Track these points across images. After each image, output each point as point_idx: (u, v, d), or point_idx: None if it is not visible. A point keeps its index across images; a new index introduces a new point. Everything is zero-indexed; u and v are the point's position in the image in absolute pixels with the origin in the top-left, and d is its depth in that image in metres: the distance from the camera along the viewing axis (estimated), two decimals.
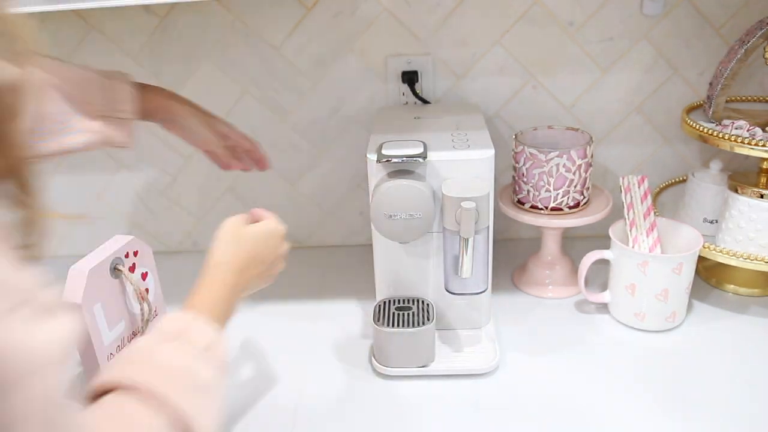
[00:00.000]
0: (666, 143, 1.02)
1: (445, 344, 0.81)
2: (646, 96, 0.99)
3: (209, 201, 1.10)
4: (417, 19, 0.95)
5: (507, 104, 1.00)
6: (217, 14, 0.96)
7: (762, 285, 0.90)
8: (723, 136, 0.81)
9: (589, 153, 0.85)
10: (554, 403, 0.72)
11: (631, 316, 0.84)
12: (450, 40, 0.96)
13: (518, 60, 0.97)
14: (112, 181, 1.09)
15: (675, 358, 0.79)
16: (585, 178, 0.87)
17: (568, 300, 0.91)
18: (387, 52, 0.97)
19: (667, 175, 1.04)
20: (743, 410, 0.70)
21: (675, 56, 0.96)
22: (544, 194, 0.86)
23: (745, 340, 0.81)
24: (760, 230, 0.82)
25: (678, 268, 0.79)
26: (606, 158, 1.04)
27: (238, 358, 0.83)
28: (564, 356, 0.80)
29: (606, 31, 0.95)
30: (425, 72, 0.98)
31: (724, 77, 0.84)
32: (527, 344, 0.82)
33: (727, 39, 0.94)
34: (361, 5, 0.95)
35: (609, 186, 1.04)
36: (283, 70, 0.99)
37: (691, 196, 0.92)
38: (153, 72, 1.00)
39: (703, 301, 0.89)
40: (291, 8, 0.95)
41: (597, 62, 0.97)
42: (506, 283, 0.97)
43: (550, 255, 0.94)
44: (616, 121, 1.01)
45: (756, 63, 0.95)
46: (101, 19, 0.97)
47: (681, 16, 0.93)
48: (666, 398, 0.72)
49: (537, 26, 0.95)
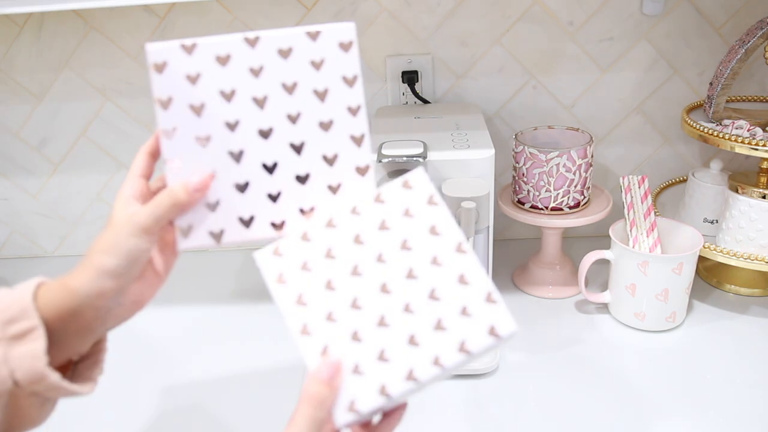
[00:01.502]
0: (666, 143, 1.02)
1: None
2: (646, 96, 0.99)
3: None
4: (417, 19, 0.95)
5: (507, 104, 1.00)
6: (217, 14, 0.96)
7: (762, 285, 0.90)
8: (723, 136, 0.81)
9: (590, 153, 0.85)
10: (554, 403, 0.72)
11: (632, 316, 0.84)
12: (450, 40, 0.96)
13: (518, 60, 0.97)
14: (112, 181, 1.09)
15: (675, 358, 0.79)
16: (585, 178, 0.87)
17: (568, 300, 0.91)
18: (387, 52, 0.97)
19: (667, 175, 1.04)
20: (743, 410, 0.70)
21: (675, 56, 0.96)
22: (544, 194, 0.86)
23: (745, 340, 0.81)
24: (761, 230, 0.82)
25: (678, 268, 0.79)
26: (606, 158, 1.04)
27: (242, 353, 0.83)
28: (564, 356, 0.80)
29: (606, 30, 0.95)
30: (425, 72, 0.98)
31: (724, 77, 0.84)
32: (527, 344, 0.82)
33: (727, 39, 0.94)
34: (361, 5, 0.95)
35: (609, 186, 1.04)
36: None
37: (692, 196, 0.92)
38: None
39: (703, 301, 0.89)
40: (291, 8, 0.95)
41: (597, 62, 0.97)
42: (506, 283, 0.97)
43: (550, 255, 0.94)
44: (616, 121, 1.01)
45: (756, 63, 0.95)
46: (101, 19, 0.97)
47: (681, 16, 0.93)
48: (666, 398, 0.72)
49: (537, 26, 0.95)
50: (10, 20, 0.97)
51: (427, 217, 0.45)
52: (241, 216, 0.47)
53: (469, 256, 0.43)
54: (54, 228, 1.14)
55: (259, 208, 0.47)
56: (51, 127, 1.05)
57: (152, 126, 1.05)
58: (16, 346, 0.41)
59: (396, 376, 0.41)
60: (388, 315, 0.43)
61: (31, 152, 1.07)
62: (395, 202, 0.45)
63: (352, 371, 0.42)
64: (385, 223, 0.45)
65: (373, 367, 0.42)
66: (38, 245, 1.16)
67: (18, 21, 0.98)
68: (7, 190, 1.11)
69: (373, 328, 0.43)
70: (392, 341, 0.42)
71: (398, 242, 0.44)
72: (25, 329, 0.42)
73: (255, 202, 0.47)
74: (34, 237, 1.15)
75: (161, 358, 0.84)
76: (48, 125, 1.05)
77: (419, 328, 0.42)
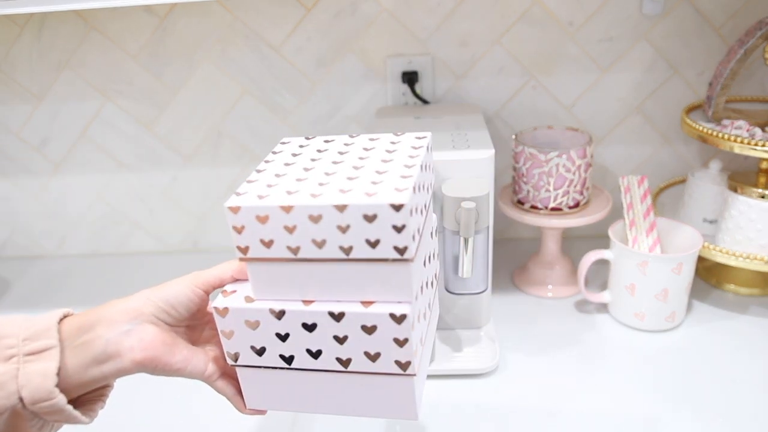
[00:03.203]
0: (666, 143, 1.02)
1: (445, 344, 0.81)
2: (645, 96, 0.99)
3: (209, 201, 1.10)
4: (417, 19, 0.95)
5: (507, 104, 1.00)
6: (217, 14, 0.96)
7: (762, 285, 0.90)
8: (722, 136, 0.81)
9: (589, 153, 0.86)
10: (554, 402, 0.72)
11: (631, 315, 0.84)
12: (450, 40, 0.96)
13: (518, 60, 0.97)
14: (112, 181, 1.09)
15: (674, 357, 0.79)
16: (585, 178, 0.87)
17: (568, 300, 0.91)
18: (387, 52, 0.97)
19: (666, 175, 1.04)
20: (743, 410, 0.70)
21: (675, 56, 0.96)
22: (544, 194, 0.86)
23: (744, 340, 0.81)
24: (760, 230, 0.82)
25: (678, 268, 0.79)
26: (606, 158, 1.04)
27: None
28: (564, 356, 0.80)
29: (606, 31, 0.95)
30: (425, 72, 0.98)
31: (723, 77, 0.84)
32: (527, 344, 0.83)
33: (727, 39, 0.94)
34: (361, 5, 0.95)
35: (609, 186, 1.04)
36: (283, 70, 0.99)
37: (691, 196, 0.92)
38: (153, 72, 1.00)
39: (702, 301, 0.89)
40: (291, 8, 0.95)
41: (597, 62, 0.97)
42: (506, 283, 0.97)
43: (549, 255, 0.94)
44: (615, 121, 1.01)
45: (756, 63, 0.95)
46: (101, 19, 0.97)
47: (681, 16, 0.94)
48: (665, 398, 0.72)
49: (537, 26, 0.95)
50: (10, 21, 0.98)
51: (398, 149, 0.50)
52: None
53: (415, 167, 0.46)
54: (54, 228, 1.14)
55: None
56: (51, 127, 1.05)
57: (152, 126, 1.05)
58: (29, 363, 0.42)
59: (306, 196, 0.43)
60: (325, 180, 0.45)
61: (32, 152, 1.07)
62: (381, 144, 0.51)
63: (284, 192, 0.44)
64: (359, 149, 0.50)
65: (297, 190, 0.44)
66: (38, 245, 1.16)
67: (19, 21, 0.98)
68: (7, 190, 1.11)
69: (307, 183, 0.45)
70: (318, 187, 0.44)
71: (360, 153, 0.49)
72: (41, 347, 0.42)
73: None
74: (34, 237, 1.15)
75: None
76: (48, 125, 1.05)
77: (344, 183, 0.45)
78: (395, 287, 0.44)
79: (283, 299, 0.46)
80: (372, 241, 0.42)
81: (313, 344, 0.46)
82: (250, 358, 0.47)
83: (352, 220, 0.42)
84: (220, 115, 1.04)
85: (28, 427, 0.43)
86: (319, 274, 0.44)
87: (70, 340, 0.43)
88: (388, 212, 0.41)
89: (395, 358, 0.45)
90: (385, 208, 0.41)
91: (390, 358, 0.45)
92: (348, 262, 0.43)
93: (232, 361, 0.48)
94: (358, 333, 0.44)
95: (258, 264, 0.45)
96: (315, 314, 0.44)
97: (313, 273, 0.44)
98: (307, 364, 0.47)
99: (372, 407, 0.48)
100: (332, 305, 0.44)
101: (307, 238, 0.43)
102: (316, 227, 0.42)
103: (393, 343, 0.44)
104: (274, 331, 0.46)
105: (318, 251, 0.43)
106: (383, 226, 0.41)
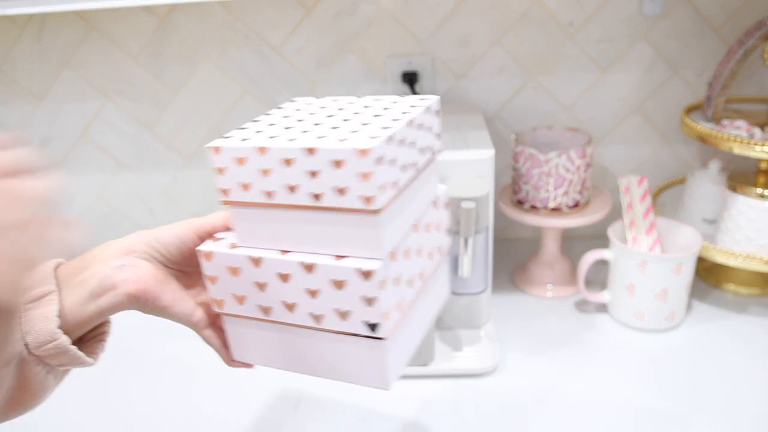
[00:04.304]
0: (665, 143, 1.02)
1: (444, 344, 0.81)
2: (645, 96, 0.99)
3: (209, 201, 1.10)
4: (417, 19, 0.95)
5: (507, 104, 1.01)
6: (217, 14, 0.96)
7: (761, 285, 0.90)
8: (722, 136, 0.81)
9: (589, 153, 0.86)
10: (554, 402, 0.73)
11: (631, 315, 0.84)
12: (450, 40, 0.97)
13: (518, 60, 0.97)
14: (112, 181, 1.09)
15: (674, 357, 0.79)
16: (584, 178, 0.87)
17: (568, 300, 0.92)
18: (387, 52, 0.97)
19: (666, 176, 1.04)
20: (742, 410, 0.70)
21: (674, 56, 0.96)
22: (544, 194, 0.86)
23: (744, 340, 0.81)
24: (760, 230, 0.82)
25: (677, 268, 0.80)
26: (605, 158, 1.04)
27: None
28: (563, 356, 0.80)
29: (605, 31, 0.95)
30: (425, 72, 0.98)
31: (723, 78, 0.84)
32: (527, 344, 0.83)
33: (727, 39, 0.95)
34: (361, 5, 0.95)
35: (609, 186, 1.04)
36: (283, 70, 1.00)
37: (690, 196, 0.92)
38: (153, 72, 1.00)
39: (702, 301, 0.89)
40: (291, 8, 0.95)
41: (596, 62, 0.97)
42: (506, 283, 0.97)
43: (549, 255, 0.94)
44: (615, 121, 1.01)
45: (755, 63, 0.95)
46: (101, 19, 0.97)
47: (680, 17, 0.94)
48: (665, 398, 0.72)
49: (537, 26, 0.95)
50: (11, 21, 0.98)
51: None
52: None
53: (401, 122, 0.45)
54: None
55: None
56: (52, 127, 1.05)
57: (152, 126, 1.05)
58: (31, 310, 0.43)
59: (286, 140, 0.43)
60: (310, 129, 0.44)
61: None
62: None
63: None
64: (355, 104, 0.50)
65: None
66: None
67: (19, 22, 0.98)
68: None
69: (292, 131, 0.45)
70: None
71: (357, 109, 0.48)
72: (41, 294, 0.43)
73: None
74: None
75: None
76: (49, 125, 1.05)
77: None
78: (365, 241, 0.42)
79: (263, 248, 0.45)
80: (340, 188, 0.41)
81: (288, 296, 0.45)
82: (232, 306, 0.48)
83: (322, 165, 0.40)
84: (220, 115, 1.04)
85: (35, 374, 0.43)
86: (293, 221, 0.44)
87: (67, 281, 0.45)
88: (354, 157, 0.39)
89: (363, 318, 0.43)
90: (352, 152, 0.39)
91: (359, 317, 0.44)
92: (319, 210, 0.42)
93: (217, 308, 0.48)
94: (329, 287, 0.43)
95: (238, 208, 0.45)
96: (289, 264, 0.44)
97: (288, 220, 0.44)
98: (284, 317, 0.46)
99: (344, 371, 0.47)
100: (305, 256, 0.44)
101: (281, 183, 0.42)
102: (288, 170, 0.42)
103: (362, 302, 0.43)
104: (253, 280, 0.46)
105: (291, 196, 0.43)
106: (351, 172, 0.40)
